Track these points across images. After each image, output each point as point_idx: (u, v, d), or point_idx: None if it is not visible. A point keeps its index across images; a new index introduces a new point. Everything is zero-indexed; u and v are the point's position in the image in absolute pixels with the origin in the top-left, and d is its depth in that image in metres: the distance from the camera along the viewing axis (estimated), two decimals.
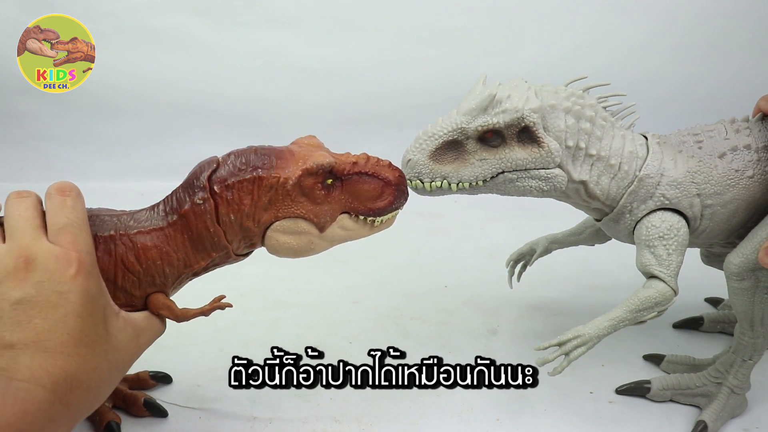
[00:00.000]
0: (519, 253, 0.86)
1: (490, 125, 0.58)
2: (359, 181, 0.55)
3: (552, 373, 0.60)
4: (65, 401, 0.44)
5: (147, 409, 0.64)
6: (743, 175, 0.63)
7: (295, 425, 0.64)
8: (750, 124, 0.66)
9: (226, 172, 0.52)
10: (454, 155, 0.59)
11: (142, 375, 0.69)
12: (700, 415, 0.66)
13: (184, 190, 0.53)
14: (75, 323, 0.45)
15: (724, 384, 0.67)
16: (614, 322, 0.60)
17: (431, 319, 0.87)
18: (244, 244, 0.55)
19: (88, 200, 0.53)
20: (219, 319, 0.85)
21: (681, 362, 0.74)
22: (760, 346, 0.66)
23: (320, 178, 0.53)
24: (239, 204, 0.52)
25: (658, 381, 0.69)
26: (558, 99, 0.59)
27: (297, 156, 0.53)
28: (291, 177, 0.52)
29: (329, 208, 0.54)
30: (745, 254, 0.62)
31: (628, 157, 0.63)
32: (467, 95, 0.60)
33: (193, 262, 0.54)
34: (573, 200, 0.65)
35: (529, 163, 0.59)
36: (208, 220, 0.52)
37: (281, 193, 0.52)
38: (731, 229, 0.66)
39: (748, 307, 0.64)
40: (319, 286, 0.97)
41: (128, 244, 0.52)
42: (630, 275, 0.70)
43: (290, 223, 0.53)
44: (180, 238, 0.53)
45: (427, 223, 1.27)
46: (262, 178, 0.52)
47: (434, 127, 0.59)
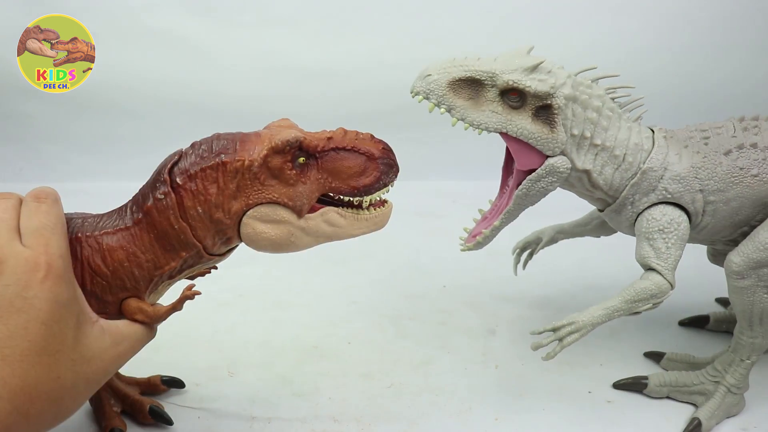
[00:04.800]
0: (525, 241, 0.86)
1: (522, 85, 0.57)
2: (337, 157, 0.50)
3: (545, 357, 0.61)
4: (23, 411, 0.42)
5: (152, 417, 0.62)
6: (747, 173, 0.63)
7: (294, 425, 0.64)
8: (759, 122, 0.66)
9: (188, 162, 0.49)
10: (470, 94, 0.59)
11: (154, 380, 0.67)
12: (695, 412, 0.66)
13: (149, 186, 0.50)
14: (38, 330, 0.43)
15: (722, 383, 0.67)
16: (609, 311, 0.61)
17: (430, 320, 0.87)
18: (219, 239, 0.51)
19: (88, 201, 0.53)
20: (218, 319, 0.85)
21: (681, 360, 0.74)
22: (759, 346, 0.66)
23: (289, 157, 0.49)
24: (205, 194, 0.49)
25: (656, 377, 0.70)
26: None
27: (263, 137, 0.50)
28: (256, 158, 0.48)
29: (305, 189, 0.50)
30: (746, 253, 0.62)
31: (633, 148, 0.63)
32: (511, 51, 0.60)
33: (163, 263, 0.51)
34: (576, 189, 0.66)
35: (532, 139, 0.59)
36: (172, 216, 0.49)
37: (248, 177, 0.49)
38: (734, 227, 0.66)
39: (748, 306, 0.64)
40: (318, 286, 0.97)
41: (94, 246, 0.50)
42: (629, 275, 0.70)
43: (266, 209, 0.49)
44: (146, 237, 0.50)
45: (426, 223, 1.28)
46: (225, 163, 0.48)
47: (468, 60, 0.59)
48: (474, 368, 0.75)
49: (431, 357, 0.77)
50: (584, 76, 0.62)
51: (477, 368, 0.75)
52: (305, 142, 0.50)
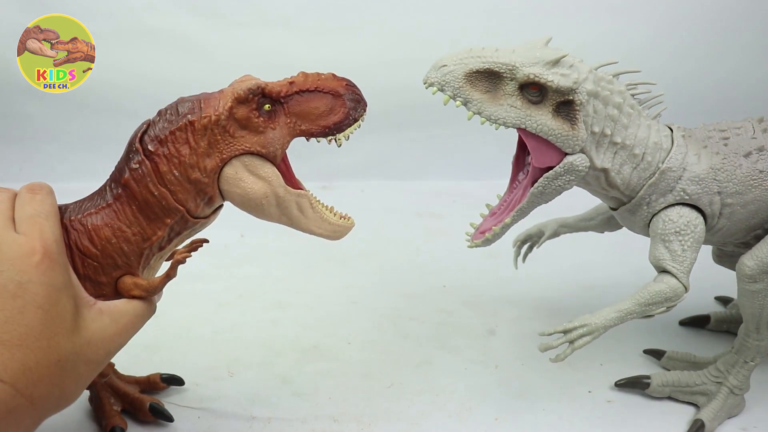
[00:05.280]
0: (527, 234, 0.84)
1: (543, 79, 0.55)
2: (303, 99, 0.51)
3: (554, 359, 0.60)
4: (27, 395, 0.43)
5: (153, 414, 0.63)
6: (767, 176, 0.62)
7: (293, 425, 0.64)
8: None
9: (158, 128, 0.50)
10: (487, 87, 0.56)
11: (153, 378, 0.67)
12: (698, 414, 0.66)
13: (123, 160, 0.51)
14: (35, 315, 0.44)
15: (724, 384, 0.66)
16: (622, 314, 0.59)
17: (430, 320, 0.87)
18: (201, 200, 0.51)
19: None
20: (218, 319, 0.85)
21: (681, 359, 0.74)
22: (764, 348, 0.66)
23: (254, 105, 0.50)
24: (178, 156, 0.49)
25: (658, 377, 0.69)
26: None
27: (225, 92, 0.51)
28: (222, 111, 0.49)
29: (275, 135, 0.51)
30: (760, 257, 0.62)
31: (652, 147, 0.61)
32: (530, 43, 0.58)
33: (150, 234, 0.51)
34: (592, 187, 0.64)
35: (552, 135, 0.57)
36: (150, 183, 0.49)
37: (218, 132, 0.49)
38: (748, 230, 0.66)
39: (758, 309, 0.63)
40: (317, 286, 0.97)
41: (79, 229, 0.50)
42: (630, 275, 0.70)
43: (245, 161, 0.50)
44: (129, 210, 0.50)
45: (426, 223, 1.27)
46: (192, 122, 0.49)
47: (487, 51, 0.56)
48: (474, 368, 0.75)
49: (431, 357, 0.77)
50: (605, 71, 0.60)
51: (477, 368, 0.75)
52: (267, 88, 0.50)
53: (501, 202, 0.64)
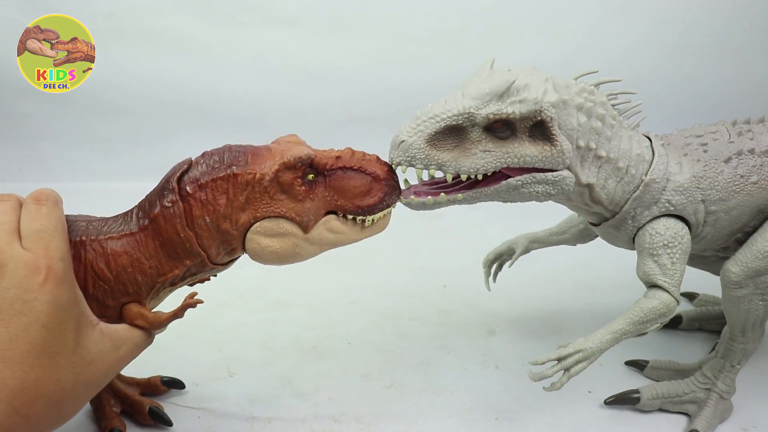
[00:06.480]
0: (496, 252, 0.81)
1: (504, 114, 0.52)
2: (344, 176, 0.51)
3: (549, 388, 0.58)
4: (23, 413, 0.43)
5: (152, 417, 0.62)
6: (748, 180, 0.61)
7: (293, 425, 0.64)
8: (752, 126, 0.64)
9: (198, 171, 0.50)
10: (454, 142, 0.53)
11: (154, 380, 0.67)
12: (693, 424, 0.65)
13: (156, 194, 0.51)
14: (38, 333, 0.43)
15: (713, 390, 0.66)
16: (617, 335, 0.58)
17: (430, 320, 0.87)
18: (224, 250, 0.52)
19: (87, 201, 0.53)
20: (218, 319, 0.85)
21: (665, 368, 0.73)
22: (750, 350, 0.66)
23: (300, 173, 0.50)
24: (214, 204, 0.49)
25: (648, 390, 0.67)
26: (570, 94, 0.55)
27: (274, 152, 0.50)
28: (268, 172, 0.49)
29: (312, 205, 0.51)
30: (745, 262, 0.61)
31: (635, 160, 0.59)
32: (474, 77, 0.55)
33: (167, 270, 0.51)
34: (573, 203, 0.61)
35: (538, 161, 0.54)
36: (178, 224, 0.49)
37: (258, 191, 0.49)
38: (730, 235, 0.65)
39: (743, 314, 0.63)
40: (318, 286, 0.97)
41: (98, 250, 0.50)
42: (629, 275, 0.70)
43: (271, 224, 0.50)
44: (151, 244, 0.50)
45: (426, 223, 1.27)
46: (237, 174, 0.49)
47: (437, 107, 0.53)
48: (474, 368, 0.75)
49: (431, 357, 0.77)
50: (585, 81, 0.58)
51: (477, 368, 0.75)
52: (316, 160, 0.51)
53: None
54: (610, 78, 0.59)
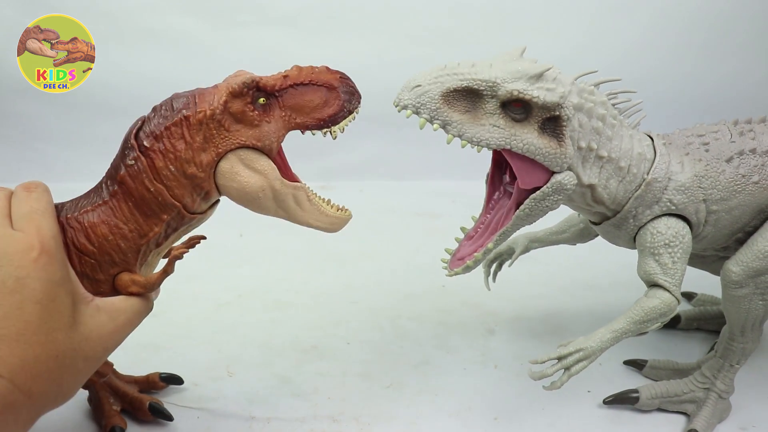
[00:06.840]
0: (496, 252, 0.81)
1: (529, 96, 0.51)
2: (297, 93, 0.51)
3: (549, 387, 0.58)
4: (26, 390, 0.43)
5: (152, 413, 0.63)
6: (749, 180, 0.61)
7: (293, 425, 0.64)
8: (753, 126, 0.64)
9: (153, 124, 0.50)
10: (466, 106, 0.52)
11: (152, 377, 0.68)
12: (692, 424, 0.65)
13: (119, 157, 0.51)
14: (33, 310, 0.44)
15: (712, 389, 0.66)
16: (617, 334, 0.58)
17: (429, 320, 0.87)
18: (197, 195, 0.51)
19: None
20: (217, 319, 0.85)
21: (664, 367, 0.73)
22: (749, 350, 0.66)
23: (249, 98, 0.50)
24: (174, 152, 0.49)
25: (647, 390, 0.68)
26: (589, 102, 0.56)
27: (220, 87, 0.51)
28: (217, 106, 0.49)
29: (270, 128, 0.51)
30: (746, 262, 0.61)
31: (637, 159, 0.59)
32: (505, 56, 0.55)
33: (147, 230, 0.51)
34: (575, 203, 0.61)
35: (540, 155, 0.54)
36: (146, 179, 0.49)
37: (213, 127, 0.50)
38: (731, 235, 0.65)
39: (743, 313, 0.63)
40: (317, 286, 0.97)
41: (76, 226, 0.50)
42: (628, 274, 0.70)
43: (250, 154, 0.50)
44: (125, 206, 0.50)
45: (425, 223, 1.28)
46: (188, 117, 0.49)
47: (463, 67, 0.52)
48: (473, 368, 0.75)
49: (430, 357, 0.77)
50: (585, 81, 0.58)
51: (476, 368, 0.75)
52: (262, 82, 0.51)
53: (477, 225, 0.60)
54: (610, 78, 0.59)
